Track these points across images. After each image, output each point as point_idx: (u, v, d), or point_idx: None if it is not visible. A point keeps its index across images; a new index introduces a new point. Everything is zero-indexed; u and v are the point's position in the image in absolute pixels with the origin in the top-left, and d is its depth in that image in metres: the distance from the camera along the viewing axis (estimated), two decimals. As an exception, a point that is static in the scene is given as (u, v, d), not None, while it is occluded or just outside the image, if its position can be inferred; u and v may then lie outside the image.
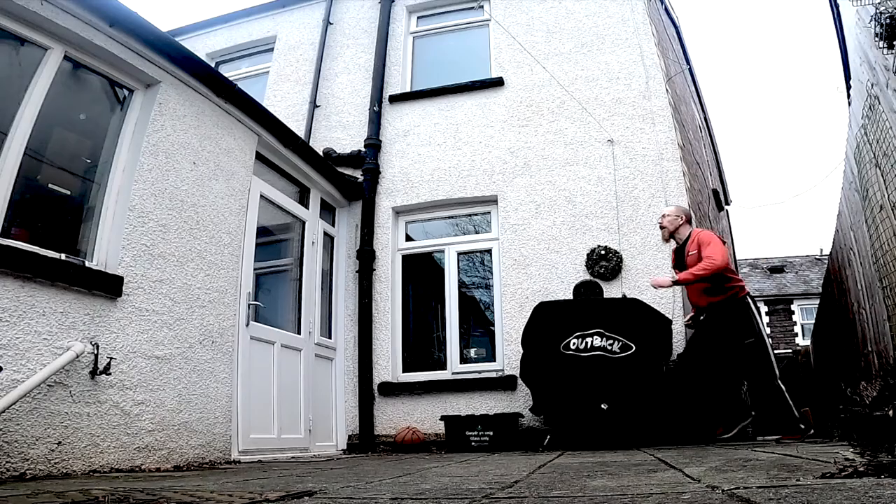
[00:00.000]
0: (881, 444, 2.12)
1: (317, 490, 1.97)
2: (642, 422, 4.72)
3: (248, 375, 4.66)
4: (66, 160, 3.79)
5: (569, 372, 4.80)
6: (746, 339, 4.63)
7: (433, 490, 1.89)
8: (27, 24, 3.26)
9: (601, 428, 4.68)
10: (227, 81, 4.73)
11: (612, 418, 4.69)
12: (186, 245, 4.14)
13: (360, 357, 6.12)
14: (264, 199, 5.21)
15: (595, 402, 4.74)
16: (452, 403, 5.80)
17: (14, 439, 2.84)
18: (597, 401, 4.74)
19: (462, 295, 6.41)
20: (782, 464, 2.19)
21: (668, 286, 4.79)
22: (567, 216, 6.08)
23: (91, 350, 3.30)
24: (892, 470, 1.61)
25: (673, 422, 4.75)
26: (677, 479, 1.93)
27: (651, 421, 4.74)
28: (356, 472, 2.93)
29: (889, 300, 3.96)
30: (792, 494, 1.30)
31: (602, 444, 4.55)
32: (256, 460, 4.44)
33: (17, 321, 2.95)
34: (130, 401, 3.52)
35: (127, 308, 3.60)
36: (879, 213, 3.91)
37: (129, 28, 3.74)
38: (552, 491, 1.74)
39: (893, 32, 3.17)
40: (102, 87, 3.91)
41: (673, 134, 6.11)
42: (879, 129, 3.71)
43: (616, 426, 4.67)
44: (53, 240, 3.37)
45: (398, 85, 7.19)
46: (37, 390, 2.96)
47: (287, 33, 8.01)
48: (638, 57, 6.45)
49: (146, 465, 3.53)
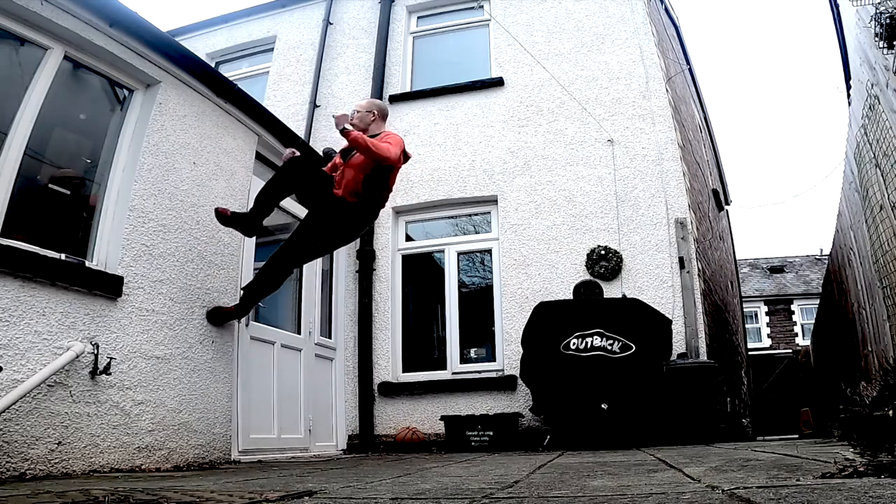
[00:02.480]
0: (881, 445, 2.12)
1: (317, 490, 1.97)
2: (642, 422, 4.73)
3: (248, 375, 4.66)
4: (67, 160, 3.79)
5: (569, 372, 4.81)
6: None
7: (433, 490, 1.89)
8: (27, 24, 3.26)
9: (601, 428, 4.68)
10: (227, 81, 4.73)
11: (612, 418, 4.69)
12: (186, 245, 4.14)
13: (360, 357, 6.13)
14: (264, 199, 5.19)
15: (595, 402, 4.75)
16: (452, 403, 5.80)
17: (14, 439, 2.84)
18: (597, 401, 4.75)
19: (462, 295, 6.41)
20: (782, 464, 2.20)
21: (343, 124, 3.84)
22: (567, 216, 6.08)
23: (91, 350, 3.29)
24: (892, 470, 1.61)
25: (673, 422, 4.75)
26: (677, 479, 1.94)
27: (651, 421, 4.74)
28: (356, 472, 2.93)
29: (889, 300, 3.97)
30: (792, 494, 1.31)
31: (602, 444, 4.56)
32: (256, 460, 4.44)
33: (18, 321, 2.94)
34: (130, 401, 3.51)
35: (127, 308, 3.60)
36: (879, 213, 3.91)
37: (129, 28, 3.73)
38: (552, 491, 1.74)
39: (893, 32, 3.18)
40: (102, 87, 3.90)
41: (673, 134, 6.12)
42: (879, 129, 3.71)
43: (616, 426, 4.68)
44: (53, 240, 3.36)
45: (398, 85, 7.20)
46: (37, 390, 2.95)
47: (287, 33, 8.01)
48: (638, 57, 6.45)
49: (146, 465, 3.53)
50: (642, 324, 4.90)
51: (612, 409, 4.72)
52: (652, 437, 4.70)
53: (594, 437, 4.66)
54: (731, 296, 9.91)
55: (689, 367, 4.95)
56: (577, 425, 4.78)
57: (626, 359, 4.78)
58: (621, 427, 4.68)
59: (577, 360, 4.82)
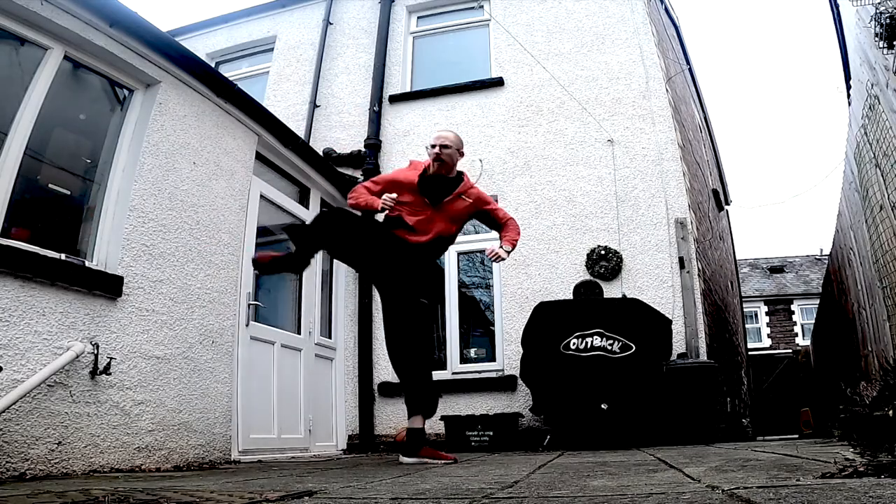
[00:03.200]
0: (881, 445, 2.12)
1: (317, 490, 1.97)
2: (642, 422, 4.74)
3: (248, 375, 4.67)
4: (67, 160, 3.79)
5: (569, 372, 4.82)
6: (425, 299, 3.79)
7: (433, 490, 1.89)
8: (27, 24, 3.26)
9: (601, 428, 4.69)
10: (227, 81, 4.73)
11: (612, 418, 4.70)
12: (186, 245, 4.14)
13: (360, 357, 6.14)
14: (264, 199, 5.21)
15: (595, 402, 4.76)
16: (452, 403, 5.80)
17: (14, 439, 2.84)
18: (597, 401, 4.75)
19: (462, 295, 6.42)
20: (782, 464, 2.20)
21: (505, 258, 3.82)
22: (567, 216, 6.09)
23: (91, 350, 3.30)
24: (892, 470, 1.61)
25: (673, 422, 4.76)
26: (677, 479, 1.93)
27: (651, 421, 4.75)
28: (356, 472, 2.93)
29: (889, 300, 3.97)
30: (792, 494, 1.30)
31: (602, 444, 4.56)
32: (256, 460, 4.44)
33: (18, 321, 2.95)
34: (130, 401, 3.52)
35: (127, 308, 3.60)
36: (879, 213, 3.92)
37: (129, 28, 3.74)
38: (552, 491, 1.74)
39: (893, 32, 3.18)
40: (102, 87, 3.91)
41: (673, 134, 6.12)
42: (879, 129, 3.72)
43: (616, 426, 4.68)
44: (53, 240, 3.37)
45: (398, 85, 7.20)
46: (37, 390, 2.95)
47: (287, 33, 8.02)
48: (638, 57, 6.46)
49: (146, 465, 3.53)
50: (642, 324, 4.90)
51: (612, 409, 4.72)
52: (652, 437, 4.70)
53: (594, 437, 4.66)
54: (731, 296, 9.92)
55: (689, 367, 4.95)
56: (577, 425, 4.79)
57: (626, 359, 4.79)
58: (621, 427, 4.68)
59: (577, 360, 4.83)
